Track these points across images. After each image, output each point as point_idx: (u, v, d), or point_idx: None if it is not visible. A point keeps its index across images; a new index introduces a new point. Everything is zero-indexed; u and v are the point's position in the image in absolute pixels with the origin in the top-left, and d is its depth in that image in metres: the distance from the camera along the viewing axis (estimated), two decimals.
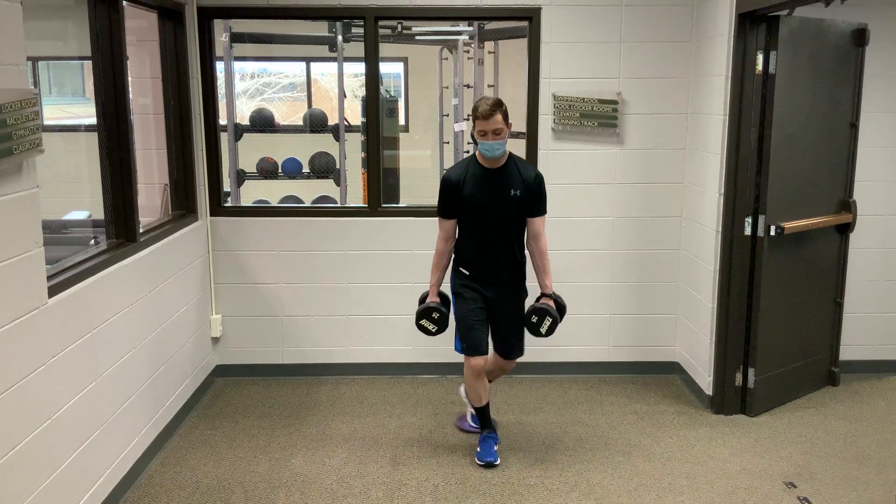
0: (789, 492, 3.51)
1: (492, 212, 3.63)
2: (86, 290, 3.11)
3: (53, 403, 2.82)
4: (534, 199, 3.67)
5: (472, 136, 3.57)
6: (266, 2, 4.52)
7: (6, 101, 2.45)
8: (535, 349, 4.71)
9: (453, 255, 3.80)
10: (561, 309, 3.79)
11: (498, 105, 3.51)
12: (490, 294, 3.73)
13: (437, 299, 3.79)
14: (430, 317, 3.73)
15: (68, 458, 2.93)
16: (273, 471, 3.70)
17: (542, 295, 3.77)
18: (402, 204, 5.62)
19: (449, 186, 3.65)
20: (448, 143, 6.72)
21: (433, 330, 3.75)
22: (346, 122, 5.67)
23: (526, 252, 3.81)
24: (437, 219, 3.75)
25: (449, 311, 3.79)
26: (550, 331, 3.71)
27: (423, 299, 3.87)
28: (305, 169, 5.85)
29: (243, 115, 6.53)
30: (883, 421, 4.26)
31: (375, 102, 4.70)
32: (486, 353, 3.74)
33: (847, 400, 4.52)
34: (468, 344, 3.68)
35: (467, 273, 3.74)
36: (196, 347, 4.51)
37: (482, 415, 3.87)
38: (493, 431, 3.88)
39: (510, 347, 3.85)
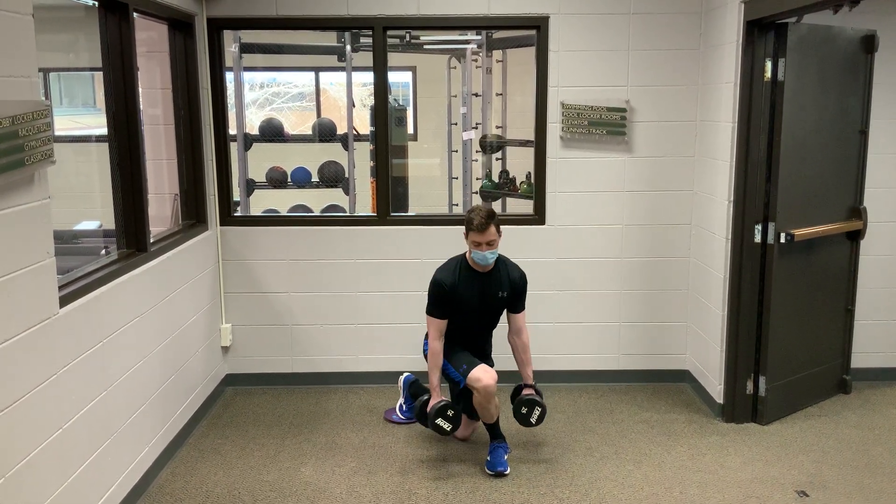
0: (801, 501, 3.49)
1: (482, 313, 3.90)
2: (97, 299, 3.13)
3: (65, 413, 2.84)
4: (518, 297, 3.89)
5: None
6: (275, 13, 4.55)
7: (18, 112, 2.47)
8: (544, 358, 4.71)
9: None
10: (540, 396, 3.90)
11: (491, 216, 3.68)
12: None
13: (445, 398, 3.82)
14: (445, 415, 3.75)
15: (79, 468, 2.94)
16: (283, 480, 3.71)
17: (526, 385, 3.92)
18: (410, 212, 5.63)
19: (443, 290, 3.79)
20: (457, 151, 6.72)
21: (448, 429, 3.77)
22: (354, 132, 5.69)
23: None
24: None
25: (460, 408, 3.87)
26: (540, 420, 3.85)
27: (421, 405, 3.90)
28: (314, 178, 5.86)
29: (253, 125, 6.55)
30: (895, 429, 4.23)
31: (384, 111, 4.71)
32: (487, 362, 3.87)
33: (859, 408, 4.50)
34: (467, 362, 3.78)
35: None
36: (206, 357, 4.52)
37: (492, 428, 3.87)
38: (503, 441, 3.88)
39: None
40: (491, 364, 3.99)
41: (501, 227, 3.78)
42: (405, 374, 4.49)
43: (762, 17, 3.84)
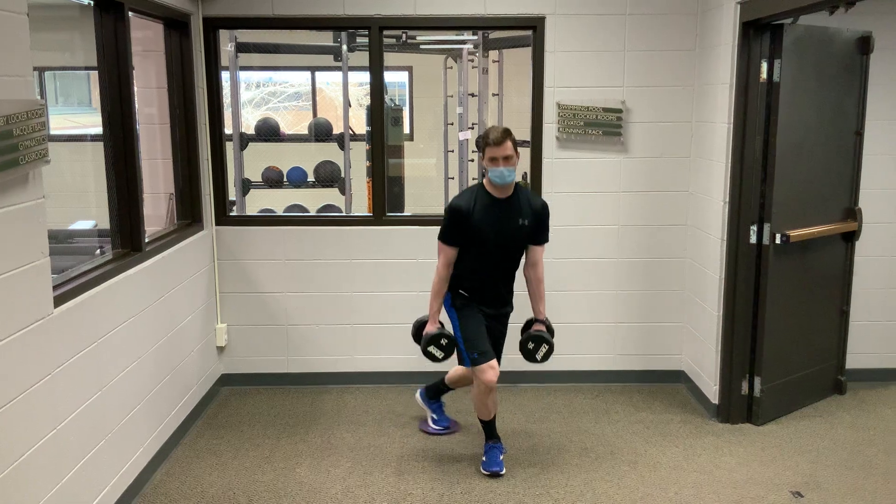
0: (796, 501, 3.49)
1: (499, 241, 3.67)
2: (91, 299, 3.12)
3: (59, 413, 2.83)
4: (540, 227, 3.74)
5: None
6: (271, 12, 4.54)
7: (12, 112, 2.46)
8: None
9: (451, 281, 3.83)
10: (551, 333, 3.86)
11: (508, 133, 3.56)
12: (487, 312, 3.78)
13: (440, 325, 3.80)
14: (438, 343, 3.73)
15: (73, 468, 2.93)
16: (278, 480, 3.70)
17: (536, 321, 3.85)
18: (406, 212, 5.64)
19: (458, 215, 3.63)
20: (453, 151, 6.73)
21: (440, 357, 3.75)
22: (350, 131, 5.69)
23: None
24: (438, 243, 3.72)
25: (455, 339, 3.80)
26: (546, 357, 3.79)
27: (419, 325, 3.91)
28: (310, 178, 5.86)
29: (249, 125, 6.55)
30: (890, 430, 4.24)
31: (380, 111, 4.71)
32: (494, 356, 3.73)
33: (854, 409, 4.50)
34: (479, 351, 3.67)
35: (466, 294, 3.78)
36: (201, 356, 4.52)
37: (488, 427, 3.86)
38: (499, 441, 3.88)
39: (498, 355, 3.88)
40: (510, 308, 3.86)
41: None
42: (417, 390, 4.38)
43: (758, 18, 3.84)
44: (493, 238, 3.65)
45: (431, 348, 3.73)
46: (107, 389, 3.24)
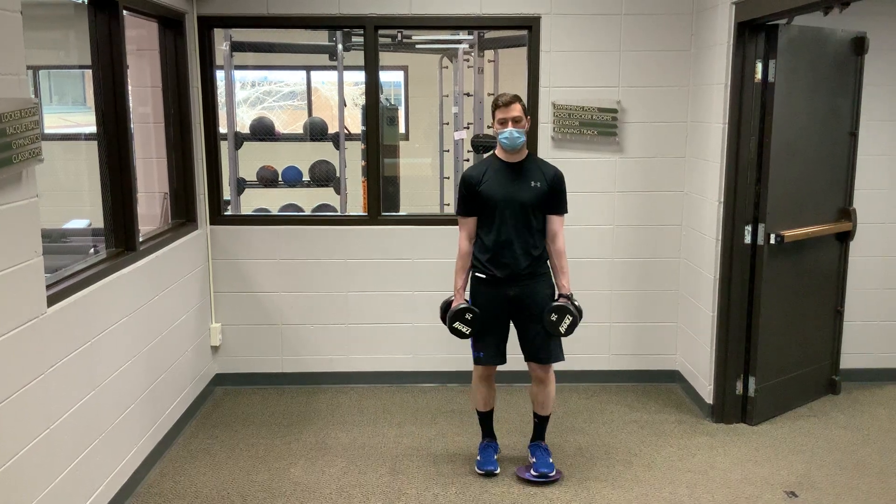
0: (790, 501, 3.50)
1: (513, 205, 3.57)
2: (85, 299, 3.11)
3: (52, 413, 2.82)
4: (554, 194, 3.66)
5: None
6: (266, 11, 4.53)
7: (6, 110, 2.45)
8: None
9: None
10: (578, 311, 3.70)
11: (517, 97, 3.58)
12: (513, 293, 3.62)
13: (465, 301, 3.69)
14: (463, 318, 3.60)
15: (67, 468, 2.92)
16: (272, 480, 3.69)
17: (560, 295, 3.70)
18: (402, 212, 5.63)
19: (467, 184, 3.63)
20: (448, 151, 6.73)
21: (467, 332, 3.62)
22: (346, 131, 5.68)
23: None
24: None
25: (480, 313, 3.65)
26: (570, 330, 3.60)
27: (446, 306, 3.75)
28: (305, 177, 5.85)
29: (243, 124, 6.54)
30: (884, 430, 4.25)
31: (375, 111, 4.70)
32: (500, 362, 3.69)
33: (848, 408, 4.51)
34: (482, 351, 3.65)
35: (485, 277, 3.64)
36: (195, 356, 4.50)
37: (484, 422, 3.86)
38: (494, 440, 3.87)
39: (544, 350, 3.66)
40: (541, 284, 3.67)
41: None
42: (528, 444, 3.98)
43: (753, 19, 3.85)
44: (505, 202, 3.57)
45: (457, 324, 3.61)
46: (100, 389, 3.23)
